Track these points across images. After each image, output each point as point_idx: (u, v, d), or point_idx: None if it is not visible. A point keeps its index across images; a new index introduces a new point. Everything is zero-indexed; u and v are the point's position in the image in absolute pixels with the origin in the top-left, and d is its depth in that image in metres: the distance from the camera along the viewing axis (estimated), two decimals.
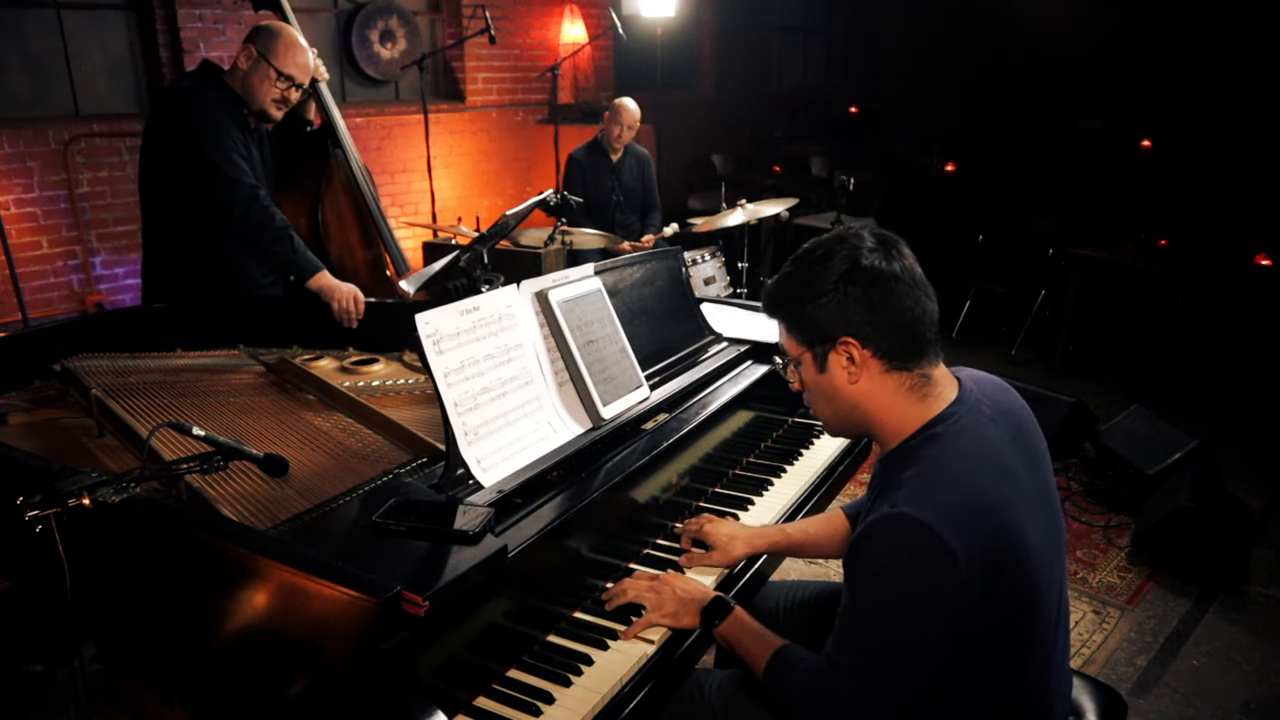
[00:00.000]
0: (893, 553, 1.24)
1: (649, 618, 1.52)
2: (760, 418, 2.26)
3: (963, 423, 1.32)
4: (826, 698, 1.32)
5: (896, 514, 1.23)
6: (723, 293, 5.11)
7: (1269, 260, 4.73)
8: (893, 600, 1.25)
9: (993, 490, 1.26)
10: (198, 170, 2.56)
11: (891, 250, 1.33)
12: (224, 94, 2.66)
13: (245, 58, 2.65)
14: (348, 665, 1.15)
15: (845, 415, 1.40)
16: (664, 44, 6.50)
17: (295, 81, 2.69)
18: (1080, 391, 4.28)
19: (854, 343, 1.32)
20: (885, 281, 1.30)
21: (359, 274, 3.15)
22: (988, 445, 1.31)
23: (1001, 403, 1.40)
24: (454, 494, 1.48)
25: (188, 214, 2.64)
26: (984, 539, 1.22)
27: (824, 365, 1.36)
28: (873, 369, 1.34)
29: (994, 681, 1.31)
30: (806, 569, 3.20)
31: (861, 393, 1.35)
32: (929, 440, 1.32)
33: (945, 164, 7.28)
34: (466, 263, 2.34)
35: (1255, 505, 3.32)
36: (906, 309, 1.31)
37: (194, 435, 1.45)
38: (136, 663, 1.51)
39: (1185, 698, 2.58)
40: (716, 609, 1.52)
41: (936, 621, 1.23)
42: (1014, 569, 1.25)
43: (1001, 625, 1.27)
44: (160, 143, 2.65)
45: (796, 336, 1.38)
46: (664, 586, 1.56)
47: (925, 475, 1.27)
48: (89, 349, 2.21)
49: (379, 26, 6.03)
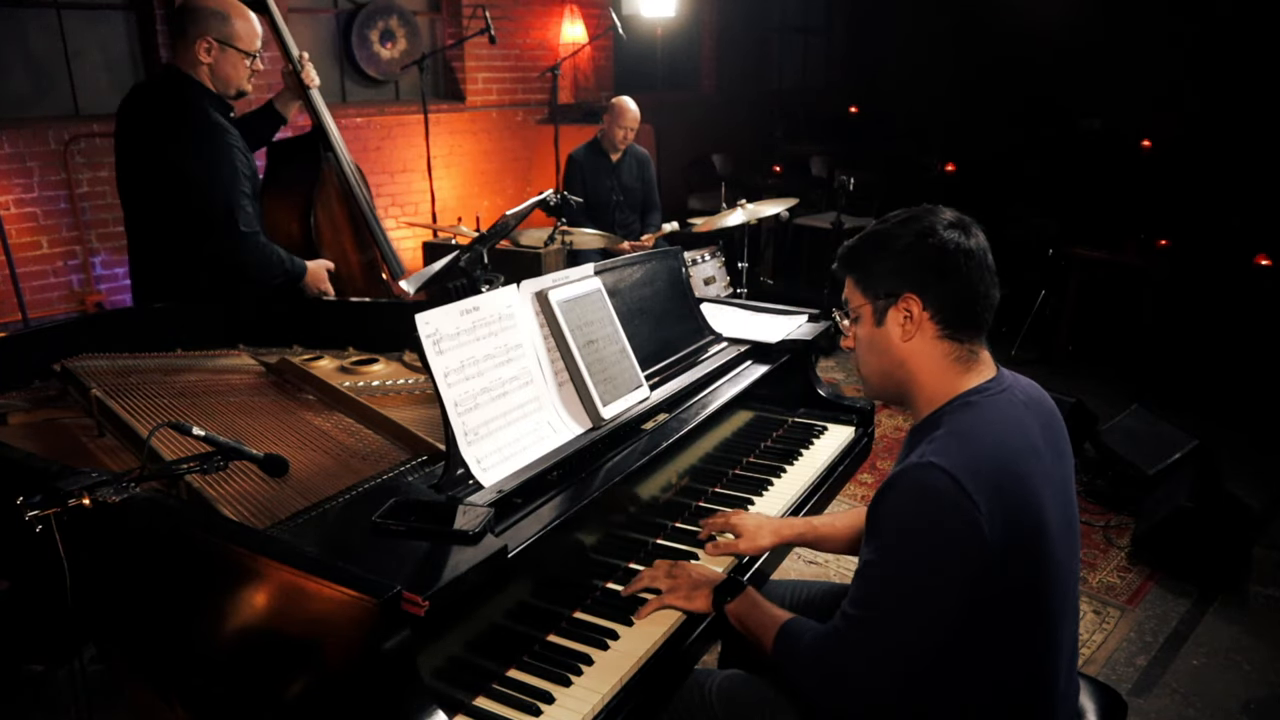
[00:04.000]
0: (916, 500, 1.26)
1: (663, 599, 1.55)
2: (760, 418, 2.26)
3: (998, 398, 1.36)
4: (833, 666, 1.33)
5: (923, 463, 1.26)
6: (723, 293, 5.12)
7: (1269, 260, 4.73)
8: (911, 550, 1.26)
9: (1019, 459, 1.29)
10: (199, 208, 2.53)
11: (969, 229, 1.39)
12: (212, 101, 2.61)
13: (204, 51, 2.55)
14: (348, 665, 1.15)
15: (889, 372, 1.44)
16: (664, 44, 6.51)
17: (260, 51, 2.66)
18: (1080, 391, 4.28)
19: (916, 300, 1.37)
20: (959, 254, 1.35)
21: (353, 278, 3.14)
22: (1019, 422, 1.34)
23: (1035, 396, 1.44)
24: (454, 494, 1.48)
25: (176, 225, 2.61)
26: (1006, 502, 1.24)
27: (882, 319, 1.41)
28: (927, 331, 1.38)
29: (1004, 659, 1.31)
30: (806, 569, 3.21)
31: (911, 351, 1.40)
32: (963, 406, 1.36)
33: (945, 164, 7.28)
34: (466, 263, 2.34)
35: (1255, 505, 3.32)
36: (973, 284, 1.36)
37: (194, 435, 1.45)
38: (136, 663, 1.51)
39: (1185, 698, 2.58)
40: (729, 588, 1.54)
41: (953, 578, 1.24)
42: (1032, 541, 1.26)
43: (1016, 599, 1.27)
44: (151, 159, 2.58)
45: (862, 289, 1.44)
46: (680, 571, 1.59)
47: (955, 434, 1.30)
48: (89, 349, 2.20)
49: (379, 26, 6.03)
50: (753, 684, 1.54)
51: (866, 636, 1.29)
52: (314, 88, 2.98)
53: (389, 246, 3.21)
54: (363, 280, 3.18)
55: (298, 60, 2.93)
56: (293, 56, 2.93)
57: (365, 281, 3.19)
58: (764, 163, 8.40)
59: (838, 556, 3.23)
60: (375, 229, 3.15)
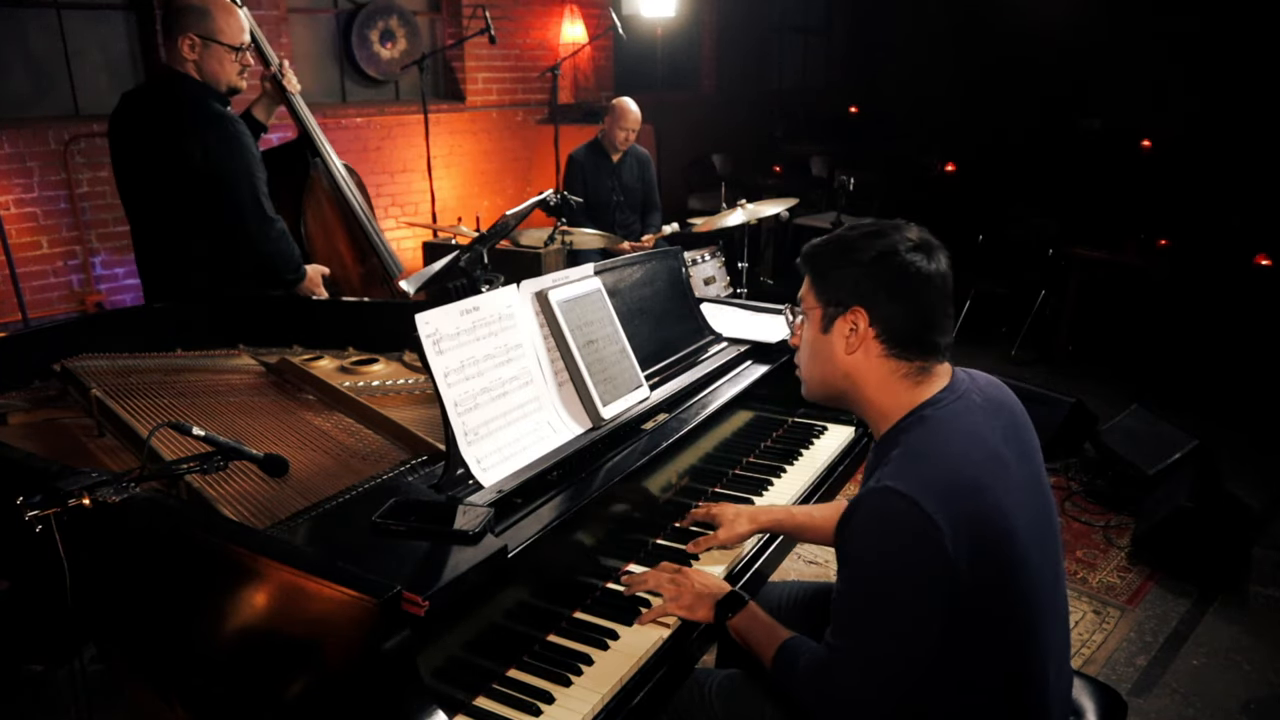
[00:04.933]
0: (876, 526, 1.26)
1: (665, 607, 1.54)
2: (760, 418, 2.26)
3: (951, 407, 1.35)
4: (828, 685, 1.34)
5: (880, 488, 1.26)
6: (723, 293, 5.11)
7: (1269, 260, 4.73)
8: (878, 575, 1.27)
9: (978, 470, 1.28)
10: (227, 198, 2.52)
11: (933, 253, 1.38)
12: (215, 95, 2.58)
13: (189, 48, 2.52)
14: (348, 665, 1.15)
15: (829, 380, 1.44)
16: (664, 44, 6.51)
17: (247, 46, 2.62)
18: (1080, 391, 4.28)
19: (863, 315, 1.37)
20: (915, 277, 1.35)
21: (349, 281, 3.15)
22: (975, 429, 1.34)
23: (994, 396, 1.43)
24: (454, 494, 1.48)
25: (183, 222, 2.60)
26: (968, 515, 1.23)
27: (828, 326, 1.41)
28: (871, 349, 1.38)
29: (988, 667, 1.31)
30: (806, 569, 3.21)
31: (854, 365, 1.40)
32: (917, 422, 1.35)
33: (945, 164, 7.29)
34: (466, 263, 2.34)
35: (1255, 505, 3.32)
36: (923, 309, 1.36)
37: (194, 435, 1.45)
38: (136, 663, 1.51)
39: (1185, 698, 2.58)
40: (731, 602, 1.54)
41: (923, 596, 1.24)
42: (1000, 550, 1.26)
43: (992, 609, 1.27)
44: (162, 159, 2.54)
45: (816, 291, 1.43)
46: (684, 579, 1.58)
47: (910, 453, 1.30)
48: (89, 349, 2.20)
49: (379, 26, 6.03)
50: (752, 684, 1.54)
51: (851, 665, 1.30)
52: (296, 93, 2.95)
53: (386, 248, 3.20)
54: (359, 282, 3.18)
55: (277, 67, 2.91)
56: (271, 61, 2.92)
57: (362, 284, 3.19)
58: (764, 163, 8.40)
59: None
60: (370, 231, 3.15)
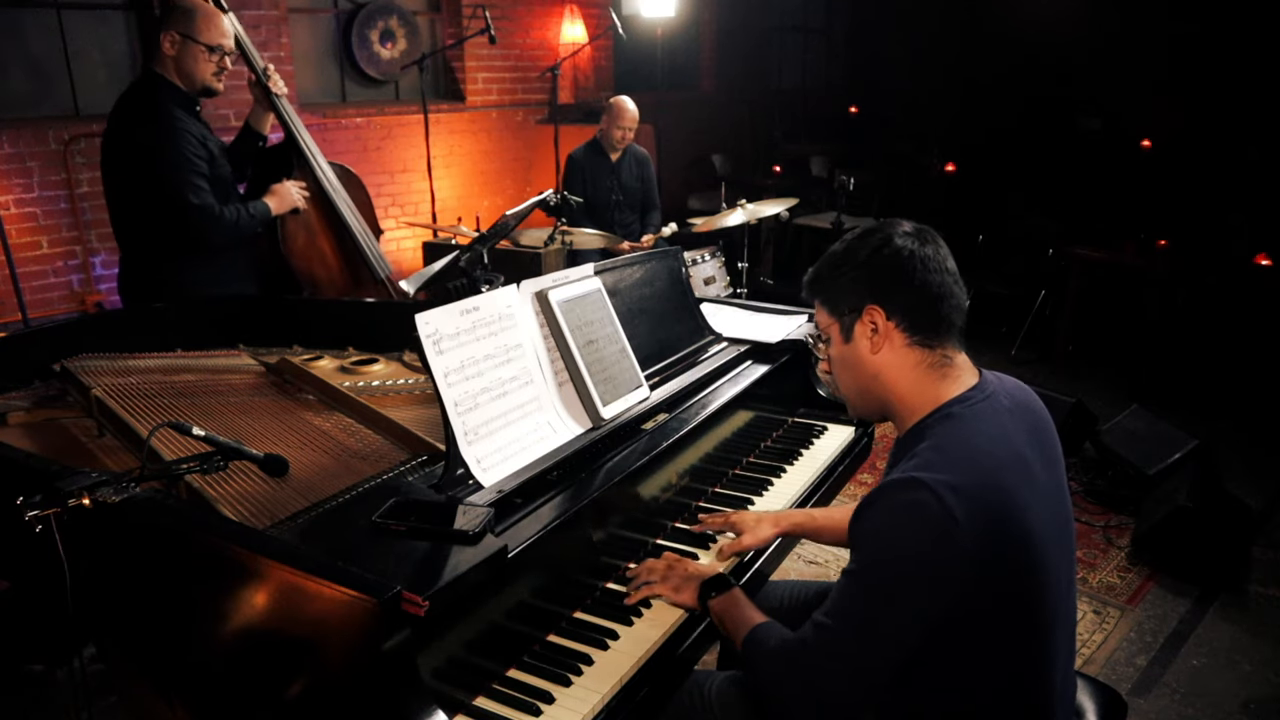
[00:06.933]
0: (895, 513, 1.26)
1: (653, 588, 1.58)
2: (760, 418, 2.26)
3: (980, 407, 1.35)
4: (795, 667, 1.32)
5: (904, 478, 1.25)
6: (723, 293, 5.11)
7: (1269, 260, 4.73)
8: (890, 565, 1.26)
9: (1002, 470, 1.28)
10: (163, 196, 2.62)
11: (925, 236, 1.39)
12: (173, 95, 2.67)
13: (169, 44, 2.64)
14: (348, 665, 1.15)
15: (866, 387, 1.44)
16: (664, 44, 6.50)
17: (225, 50, 2.71)
18: (1080, 391, 4.28)
19: (879, 310, 1.37)
20: (914, 259, 1.36)
21: (334, 283, 3.16)
22: (1002, 431, 1.33)
23: (1021, 400, 1.42)
24: (454, 494, 1.48)
25: (157, 223, 2.68)
26: (988, 513, 1.23)
27: (849, 334, 1.42)
28: (895, 340, 1.38)
29: (996, 667, 1.30)
30: (806, 569, 3.21)
31: (883, 363, 1.40)
32: (945, 419, 1.34)
33: (945, 164, 7.28)
34: (466, 263, 2.34)
35: (1255, 505, 3.32)
36: (932, 286, 1.36)
37: (194, 435, 1.46)
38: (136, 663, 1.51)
39: (1185, 698, 2.58)
40: (716, 584, 1.55)
41: (925, 594, 1.23)
42: (1019, 553, 1.26)
43: (1005, 610, 1.27)
44: (121, 159, 2.68)
45: (828, 309, 1.44)
46: (677, 564, 1.62)
47: (938, 448, 1.30)
48: (89, 349, 2.21)
49: (379, 26, 6.03)
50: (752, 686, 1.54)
51: (833, 646, 1.29)
52: (282, 95, 3.01)
53: (374, 250, 3.22)
54: (343, 281, 3.19)
55: (262, 71, 2.96)
56: (256, 66, 2.96)
57: (347, 283, 3.20)
58: (764, 163, 8.40)
59: (838, 556, 3.23)
60: (356, 234, 3.16)
